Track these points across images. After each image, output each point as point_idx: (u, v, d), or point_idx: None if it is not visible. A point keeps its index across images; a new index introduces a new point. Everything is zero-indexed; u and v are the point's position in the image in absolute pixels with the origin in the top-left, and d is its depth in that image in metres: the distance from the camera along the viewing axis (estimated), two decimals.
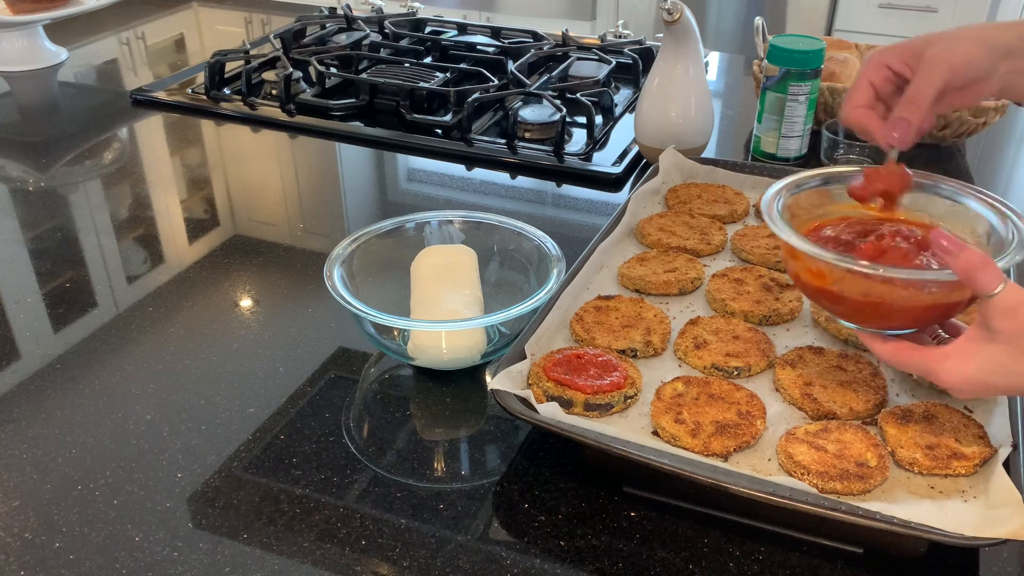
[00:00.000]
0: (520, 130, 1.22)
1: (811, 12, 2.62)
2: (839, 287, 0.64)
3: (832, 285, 0.64)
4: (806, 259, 0.65)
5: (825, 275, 0.64)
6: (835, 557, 0.61)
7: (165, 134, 1.30)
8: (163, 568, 0.60)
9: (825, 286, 0.64)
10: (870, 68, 0.69)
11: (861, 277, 0.62)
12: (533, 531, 0.63)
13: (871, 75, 0.69)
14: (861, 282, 0.62)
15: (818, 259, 0.63)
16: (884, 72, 0.69)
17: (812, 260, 0.64)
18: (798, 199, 0.72)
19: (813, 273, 0.65)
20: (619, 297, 0.80)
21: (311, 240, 1.02)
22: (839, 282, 0.63)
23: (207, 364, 0.80)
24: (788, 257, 0.68)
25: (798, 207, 0.71)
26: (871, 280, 0.62)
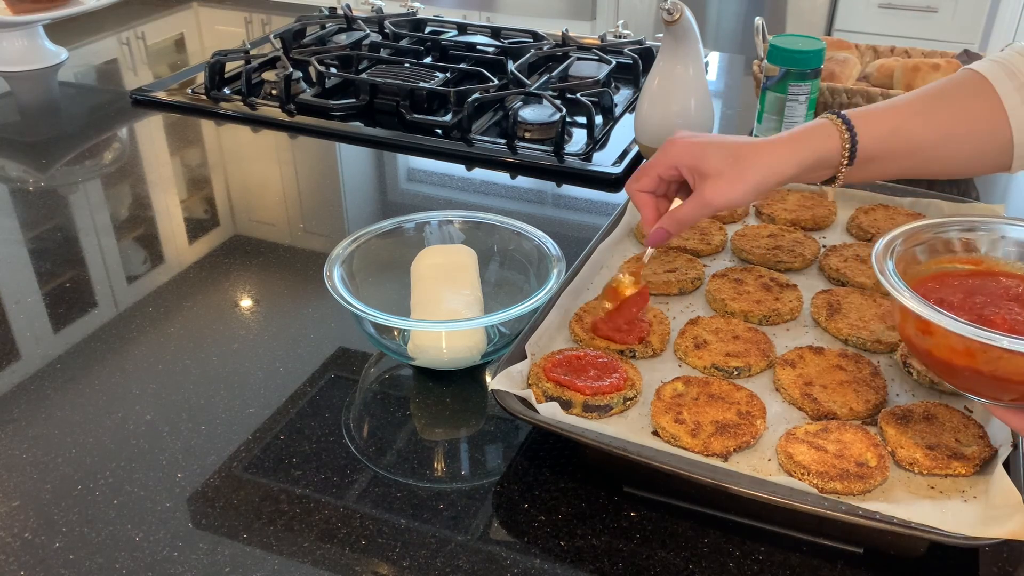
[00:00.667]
0: (520, 130, 1.22)
1: (811, 12, 2.62)
2: (992, 367, 0.57)
3: (983, 365, 0.58)
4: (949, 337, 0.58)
5: (976, 355, 0.57)
6: (835, 557, 0.61)
7: (165, 134, 1.30)
8: (163, 568, 0.60)
9: (974, 365, 0.58)
10: (661, 164, 0.74)
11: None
12: (533, 531, 0.63)
13: (660, 170, 0.74)
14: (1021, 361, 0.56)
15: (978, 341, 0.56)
16: (672, 172, 0.74)
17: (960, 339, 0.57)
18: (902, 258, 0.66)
19: (958, 352, 0.58)
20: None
21: (311, 240, 1.02)
22: (993, 362, 0.57)
23: (207, 364, 0.80)
24: (917, 332, 0.61)
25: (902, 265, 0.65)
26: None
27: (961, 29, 2.51)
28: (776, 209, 0.95)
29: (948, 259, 0.69)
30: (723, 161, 0.71)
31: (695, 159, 0.72)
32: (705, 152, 0.72)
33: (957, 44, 2.41)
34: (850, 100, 1.18)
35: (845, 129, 0.72)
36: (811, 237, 0.91)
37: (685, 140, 0.74)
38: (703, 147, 0.72)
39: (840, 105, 1.19)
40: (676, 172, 0.74)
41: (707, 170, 0.71)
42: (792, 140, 0.72)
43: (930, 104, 0.73)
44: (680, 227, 0.74)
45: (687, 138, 0.74)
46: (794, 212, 0.94)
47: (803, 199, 0.97)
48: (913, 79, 1.19)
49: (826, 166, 0.73)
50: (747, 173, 0.70)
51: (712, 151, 0.72)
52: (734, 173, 0.71)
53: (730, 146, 0.72)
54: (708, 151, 0.72)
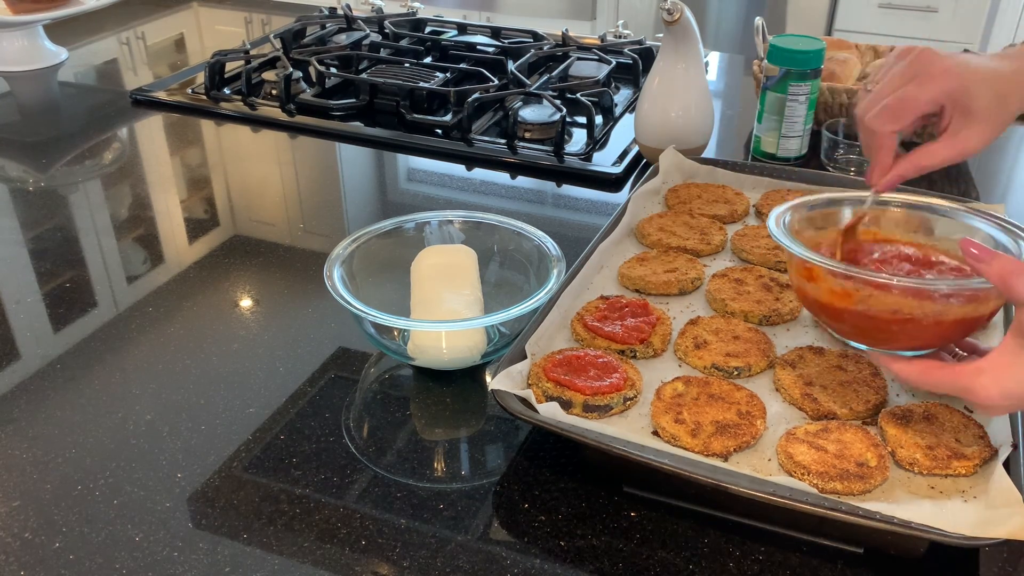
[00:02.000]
0: (520, 130, 1.22)
1: (811, 12, 2.62)
2: (864, 306, 0.61)
3: (857, 304, 0.61)
4: (828, 278, 0.62)
5: (850, 294, 0.61)
6: (835, 557, 0.61)
7: (165, 134, 1.30)
8: (163, 568, 0.60)
9: (848, 306, 0.62)
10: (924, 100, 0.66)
11: (891, 293, 0.60)
12: (533, 531, 0.63)
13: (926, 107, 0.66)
14: (891, 299, 0.60)
15: (849, 276, 0.61)
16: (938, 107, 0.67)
17: (836, 279, 0.61)
18: (799, 221, 0.71)
19: (835, 293, 0.62)
20: (620, 298, 0.80)
21: (311, 240, 1.02)
22: (865, 300, 0.61)
23: (207, 364, 0.80)
24: (802, 278, 0.66)
25: (796, 229, 0.70)
26: (901, 295, 0.59)
27: (961, 29, 2.51)
28: None
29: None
30: (992, 100, 0.65)
31: (964, 95, 0.65)
32: (974, 88, 0.65)
33: (957, 44, 2.42)
34: (850, 100, 1.18)
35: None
36: None
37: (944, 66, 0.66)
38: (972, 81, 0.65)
39: (840, 105, 1.19)
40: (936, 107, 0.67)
41: (975, 110, 0.65)
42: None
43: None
44: (921, 172, 0.68)
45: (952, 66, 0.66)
46: None
47: None
48: None
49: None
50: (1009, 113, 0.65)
51: (981, 87, 0.65)
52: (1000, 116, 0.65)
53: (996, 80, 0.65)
54: (977, 87, 0.65)
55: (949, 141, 0.66)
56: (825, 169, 1.12)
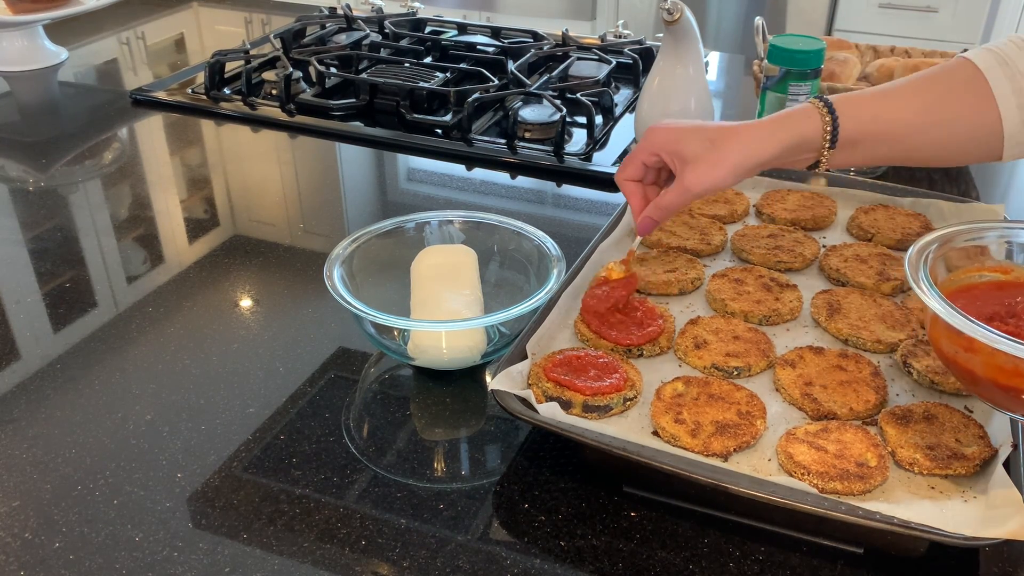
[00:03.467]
0: (520, 130, 1.22)
1: (811, 12, 2.62)
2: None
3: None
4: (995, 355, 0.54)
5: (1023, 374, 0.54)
6: (835, 557, 0.61)
7: (165, 134, 1.30)
8: (163, 568, 0.60)
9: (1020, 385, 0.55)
10: (643, 151, 0.76)
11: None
12: (533, 531, 0.63)
13: (643, 157, 0.76)
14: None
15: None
16: (654, 158, 0.76)
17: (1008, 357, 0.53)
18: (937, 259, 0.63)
19: (1005, 371, 0.54)
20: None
21: (311, 240, 1.02)
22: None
23: (207, 364, 0.80)
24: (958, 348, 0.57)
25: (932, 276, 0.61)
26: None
27: (961, 29, 2.51)
28: (776, 209, 0.95)
29: (975, 268, 0.66)
30: (701, 145, 0.72)
31: (674, 144, 0.73)
32: (684, 137, 0.73)
33: (957, 44, 2.41)
34: None
35: (827, 112, 0.72)
36: (811, 237, 0.91)
37: (665, 126, 0.75)
38: (682, 132, 0.74)
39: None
40: (658, 158, 0.75)
41: (686, 155, 0.72)
42: (772, 122, 0.74)
43: (917, 90, 0.74)
44: (665, 214, 0.76)
45: (668, 124, 0.76)
46: (794, 212, 0.94)
47: (803, 199, 0.97)
48: None
49: (808, 149, 0.73)
50: (726, 156, 0.72)
51: (690, 136, 0.73)
52: (713, 157, 0.72)
53: (708, 130, 0.73)
54: (686, 136, 0.73)
55: (677, 184, 0.74)
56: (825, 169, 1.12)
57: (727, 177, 0.72)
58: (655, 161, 0.76)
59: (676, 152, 0.73)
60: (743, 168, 0.72)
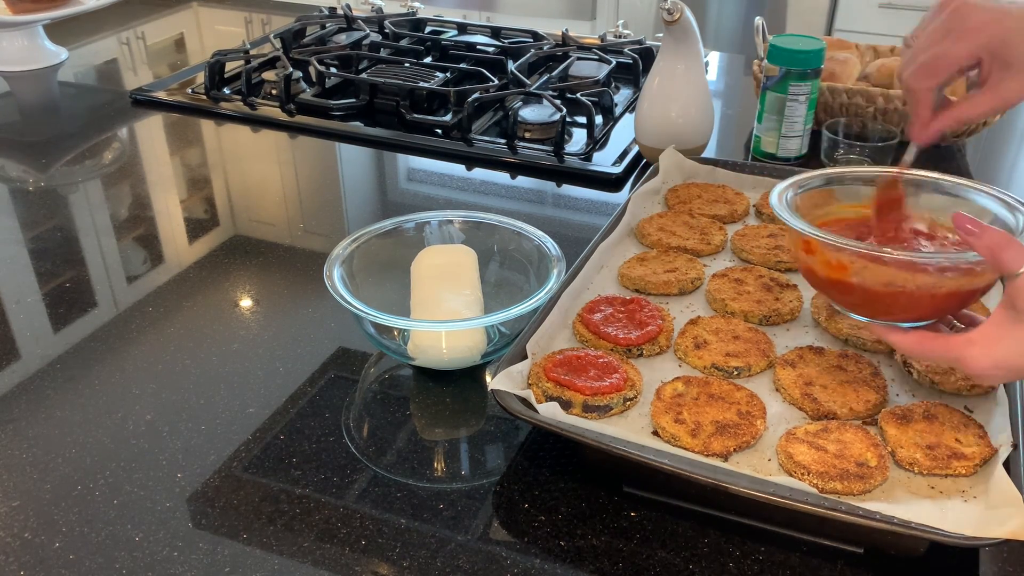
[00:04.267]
0: (520, 130, 1.22)
1: (811, 12, 2.62)
2: (859, 278, 0.63)
3: (852, 276, 0.63)
4: (825, 251, 0.64)
5: (846, 266, 0.63)
6: (835, 557, 0.61)
7: (165, 134, 1.30)
8: (163, 568, 0.60)
9: (844, 278, 0.64)
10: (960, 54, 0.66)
11: (885, 266, 0.61)
12: (533, 531, 0.63)
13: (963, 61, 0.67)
14: (884, 271, 0.61)
15: (842, 249, 0.62)
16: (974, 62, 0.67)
17: (832, 252, 0.63)
18: (801, 198, 0.73)
19: (832, 266, 0.64)
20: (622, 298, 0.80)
21: (311, 240, 1.02)
22: (860, 272, 0.62)
23: (207, 364, 0.80)
24: (801, 251, 0.68)
25: (800, 206, 0.72)
26: (895, 268, 0.61)
27: None
28: None
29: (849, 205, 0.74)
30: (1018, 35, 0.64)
31: (1001, 45, 0.65)
32: (1009, 39, 0.65)
33: None
34: (850, 100, 1.18)
35: None
36: None
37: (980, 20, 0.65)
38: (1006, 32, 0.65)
39: (840, 105, 1.19)
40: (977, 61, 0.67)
41: (1013, 60, 0.65)
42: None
43: None
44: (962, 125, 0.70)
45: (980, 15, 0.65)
46: None
47: None
48: None
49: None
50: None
51: (1016, 37, 0.65)
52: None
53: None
54: (1012, 37, 0.65)
55: (990, 93, 0.66)
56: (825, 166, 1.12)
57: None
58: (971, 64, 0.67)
59: (1000, 55, 0.65)
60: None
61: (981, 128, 1.13)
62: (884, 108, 1.16)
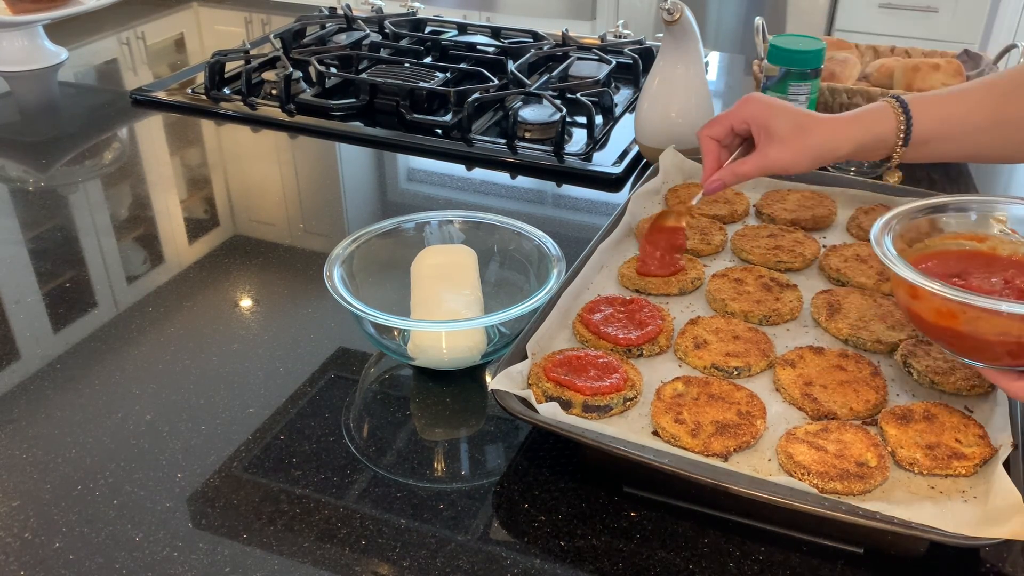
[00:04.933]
0: (520, 130, 1.22)
1: (811, 12, 2.62)
2: (971, 327, 0.61)
3: (963, 325, 0.62)
4: (933, 299, 0.62)
5: (957, 315, 0.62)
6: (835, 557, 0.61)
7: (165, 134, 1.30)
8: (163, 568, 0.60)
9: (955, 326, 0.62)
10: (735, 116, 0.81)
11: (999, 317, 0.60)
12: (533, 531, 0.63)
13: (733, 121, 0.81)
14: (999, 322, 0.60)
15: (954, 300, 0.60)
16: (743, 126, 0.81)
17: (943, 300, 0.61)
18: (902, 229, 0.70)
19: (942, 313, 0.63)
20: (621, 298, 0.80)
21: (311, 240, 1.02)
22: (972, 322, 0.61)
23: (207, 364, 0.80)
24: (907, 296, 0.66)
25: (900, 239, 0.70)
26: (1010, 320, 0.59)
27: (961, 29, 2.51)
28: (776, 209, 0.95)
29: (952, 236, 0.73)
30: (789, 126, 0.78)
31: (766, 118, 0.79)
32: (776, 115, 0.78)
33: (957, 44, 2.41)
34: (850, 100, 1.18)
35: (902, 112, 0.77)
36: (811, 237, 0.91)
37: (760, 99, 0.80)
38: (775, 109, 0.79)
39: (840, 105, 1.19)
40: (746, 127, 0.80)
41: (774, 132, 0.78)
42: (852, 119, 0.79)
43: (983, 92, 0.78)
44: (737, 180, 0.80)
45: (762, 98, 0.81)
46: (794, 212, 0.94)
47: (803, 199, 0.97)
48: (913, 79, 1.19)
49: (882, 146, 0.79)
50: (809, 143, 0.77)
51: (782, 115, 0.78)
52: (797, 141, 0.77)
53: (798, 115, 0.79)
54: (778, 114, 0.78)
55: (758, 155, 0.79)
56: (825, 169, 1.12)
57: (804, 162, 0.78)
58: (743, 129, 0.81)
59: (765, 126, 0.78)
60: (821, 158, 0.78)
61: None
62: None
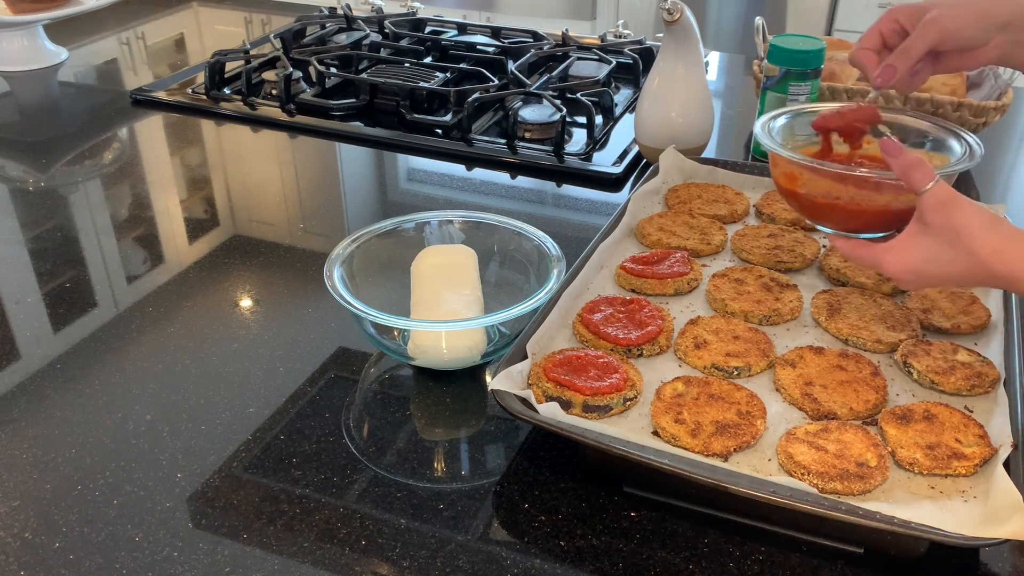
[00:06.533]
0: (520, 130, 1.22)
1: (811, 12, 2.62)
2: (806, 189, 0.76)
3: (800, 187, 0.76)
4: (783, 164, 0.77)
5: (796, 177, 0.76)
6: (835, 557, 0.61)
7: (165, 134, 1.30)
8: (163, 568, 0.60)
9: (795, 188, 0.77)
10: (883, 20, 0.79)
11: (824, 177, 0.73)
12: (533, 531, 0.63)
13: (882, 25, 0.79)
14: (824, 183, 0.74)
15: (790, 161, 0.75)
16: (893, 25, 0.78)
17: (787, 164, 0.76)
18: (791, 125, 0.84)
19: (787, 176, 0.77)
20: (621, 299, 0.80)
21: (311, 240, 1.02)
22: (807, 184, 0.76)
23: (207, 364, 0.80)
24: (771, 165, 0.80)
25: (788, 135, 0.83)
26: (832, 180, 0.73)
27: None
28: (776, 209, 0.95)
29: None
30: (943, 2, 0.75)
31: (914, 6, 0.77)
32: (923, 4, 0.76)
33: None
34: (850, 100, 1.17)
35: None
36: (811, 237, 0.91)
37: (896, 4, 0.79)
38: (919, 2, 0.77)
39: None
40: (895, 24, 0.78)
41: (927, 7, 0.75)
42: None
43: None
44: (908, 59, 0.75)
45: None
46: (794, 212, 0.94)
47: None
48: None
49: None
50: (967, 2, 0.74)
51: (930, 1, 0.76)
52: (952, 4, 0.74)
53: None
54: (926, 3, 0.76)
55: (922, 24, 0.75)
56: None
57: (970, 20, 0.74)
58: (891, 28, 0.78)
59: (915, 12, 0.76)
60: (985, 16, 0.74)
61: (981, 128, 1.13)
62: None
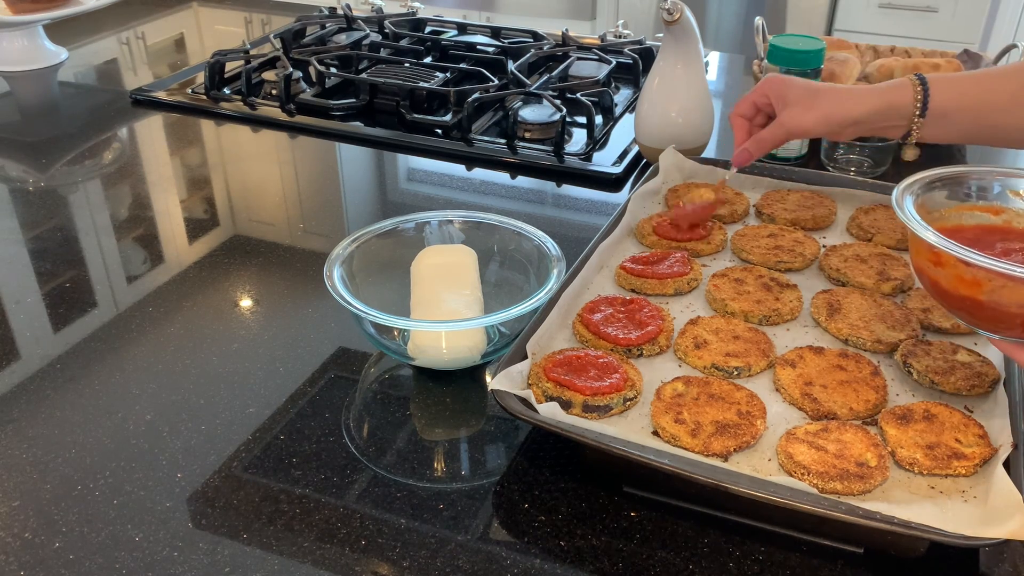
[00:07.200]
0: (520, 130, 1.22)
1: (811, 12, 2.62)
2: (994, 297, 0.61)
3: (985, 295, 0.61)
4: (958, 267, 0.61)
5: (981, 284, 0.61)
6: (835, 557, 0.61)
7: (165, 134, 1.30)
8: (163, 568, 0.60)
9: (976, 296, 0.61)
10: (756, 92, 0.86)
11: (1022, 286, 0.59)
12: (533, 531, 0.63)
13: (755, 97, 0.87)
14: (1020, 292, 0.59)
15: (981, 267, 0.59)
16: (763, 99, 0.86)
17: (968, 268, 0.60)
18: (920, 201, 0.69)
19: (964, 281, 0.62)
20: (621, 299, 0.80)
21: (311, 240, 1.02)
22: (995, 292, 0.60)
23: (207, 364, 0.80)
24: (928, 263, 0.64)
25: (919, 209, 0.67)
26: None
27: (961, 29, 2.51)
28: (776, 209, 0.95)
29: (968, 207, 0.72)
30: (803, 92, 0.83)
31: (783, 88, 0.84)
32: (790, 84, 0.84)
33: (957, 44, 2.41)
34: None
35: (919, 83, 0.79)
36: (811, 237, 0.91)
37: (778, 75, 0.86)
38: (791, 81, 0.84)
39: None
40: (766, 100, 0.86)
41: (789, 98, 0.83)
42: (869, 87, 0.82)
43: (1000, 76, 0.80)
44: (761, 148, 0.86)
45: (780, 75, 0.86)
46: (794, 212, 0.94)
47: (803, 199, 0.97)
48: None
49: (899, 116, 0.80)
50: (821, 104, 0.82)
51: (796, 84, 0.84)
52: (811, 102, 0.82)
53: (812, 84, 0.84)
54: (793, 84, 0.84)
55: (774, 122, 0.85)
56: (825, 169, 1.12)
57: (817, 123, 0.82)
58: (764, 103, 0.86)
59: (782, 96, 0.84)
60: (833, 119, 0.81)
61: None
62: None
